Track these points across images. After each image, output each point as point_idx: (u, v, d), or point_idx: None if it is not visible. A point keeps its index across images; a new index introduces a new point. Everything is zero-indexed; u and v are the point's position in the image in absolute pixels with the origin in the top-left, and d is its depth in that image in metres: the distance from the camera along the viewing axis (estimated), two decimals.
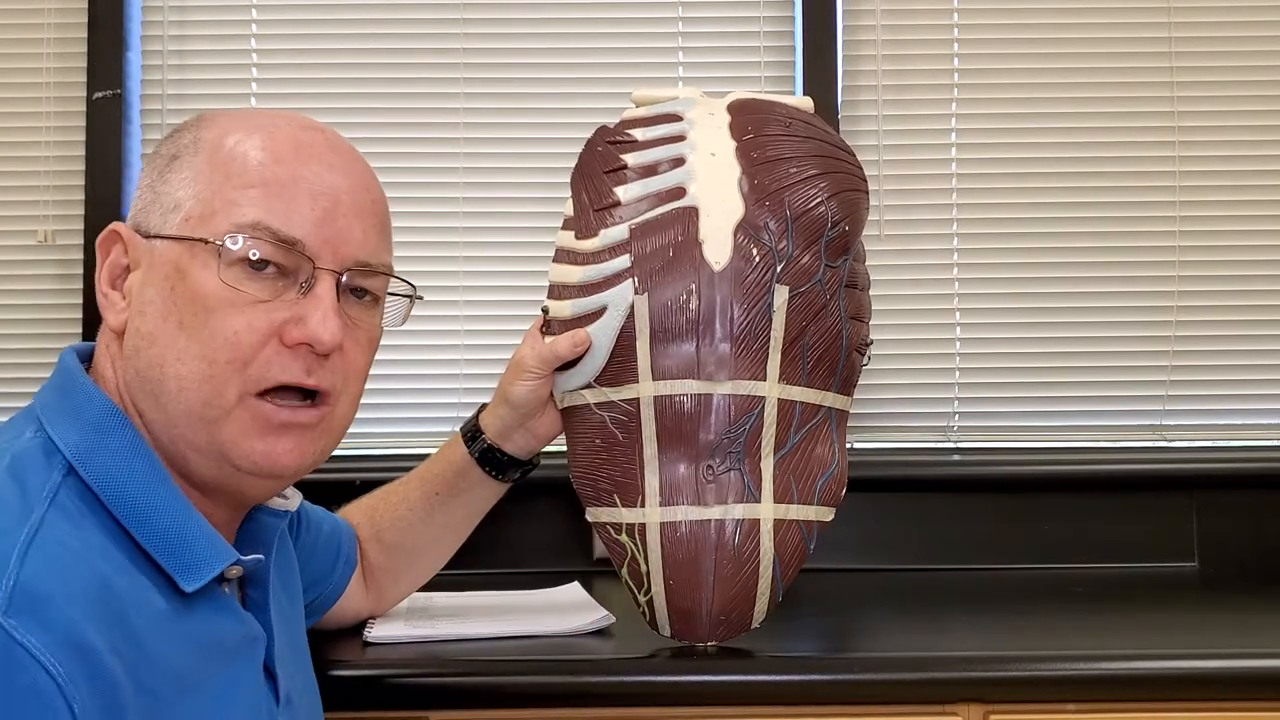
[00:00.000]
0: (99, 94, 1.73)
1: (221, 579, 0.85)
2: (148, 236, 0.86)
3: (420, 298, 0.96)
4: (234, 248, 0.83)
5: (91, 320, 1.71)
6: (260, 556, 0.89)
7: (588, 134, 1.19)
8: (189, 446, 0.84)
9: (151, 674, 0.76)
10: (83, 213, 1.73)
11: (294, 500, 0.98)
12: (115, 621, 0.74)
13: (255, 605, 0.90)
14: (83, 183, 1.73)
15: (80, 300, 1.73)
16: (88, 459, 0.81)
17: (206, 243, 0.83)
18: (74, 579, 0.73)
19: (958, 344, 1.76)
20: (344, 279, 0.87)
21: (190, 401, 0.83)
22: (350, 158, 0.90)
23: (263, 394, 0.84)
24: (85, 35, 1.74)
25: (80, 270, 1.73)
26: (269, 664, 0.90)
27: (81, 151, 1.74)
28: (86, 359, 0.89)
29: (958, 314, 1.76)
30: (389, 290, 0.93)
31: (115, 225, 0.88)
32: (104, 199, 1.73)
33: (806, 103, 1.20)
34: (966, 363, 1.76)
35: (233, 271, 0.83)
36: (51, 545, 0.74)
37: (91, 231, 1.72)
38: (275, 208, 0.84)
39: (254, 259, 0.83)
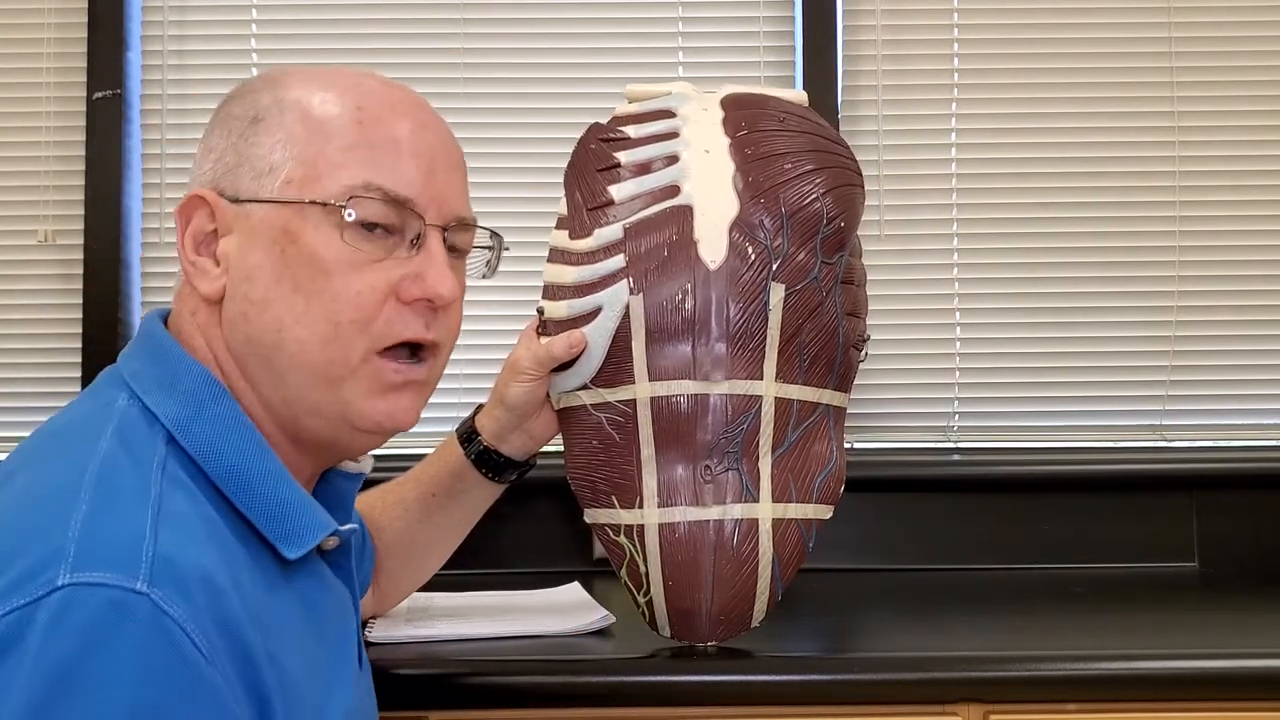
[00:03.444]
0: (99, 94, 1.73)
1: (318, 547, 0.85)
2: (237, 201, 0.85)
3: (502, 239, 0.98)
4: (349, 209, 0.83)
5: (92, 320, 1.71)
6: (355, 526, 0.92)
7: None
8: (304, 410, 0.85)
9: (273, 641, 0.76)
10: (83, 213, 1.73)
11: (366, 463, 0.98)
12: (241, 592, 0.74)
13: (342, 570, 0.92)
14: (83, 183, 1.73)
15: (80, 300, 1.72)
16: (187, 428, 0.81)
17: (319, 205, 0.83)
18: (206, 552, 0.73)
19: (958, 344, 1.76)
20: (446, 234, 0.88)
21: (313, 363, 0.84)
22: (432, 113, 0.91)
23: (383, 352, 0.86)
24: (85, 35, 1.74)
25: (80, 270, 1.73)
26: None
27: (81, 151, 1.74)
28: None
29: (958, 314, 1.76)
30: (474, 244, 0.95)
31: (199, 190, 0.86)
32: (104, 199, 1.73)
33: (801, 96, 1.19)
34: (966, 363, 1.76)
35: (350, 232, 0.84)
36: (179, 517, 0.74)
37: (92, 231, 1.72)
38: (384, 167, 0.85)
39: (368, 220, 0.84)
